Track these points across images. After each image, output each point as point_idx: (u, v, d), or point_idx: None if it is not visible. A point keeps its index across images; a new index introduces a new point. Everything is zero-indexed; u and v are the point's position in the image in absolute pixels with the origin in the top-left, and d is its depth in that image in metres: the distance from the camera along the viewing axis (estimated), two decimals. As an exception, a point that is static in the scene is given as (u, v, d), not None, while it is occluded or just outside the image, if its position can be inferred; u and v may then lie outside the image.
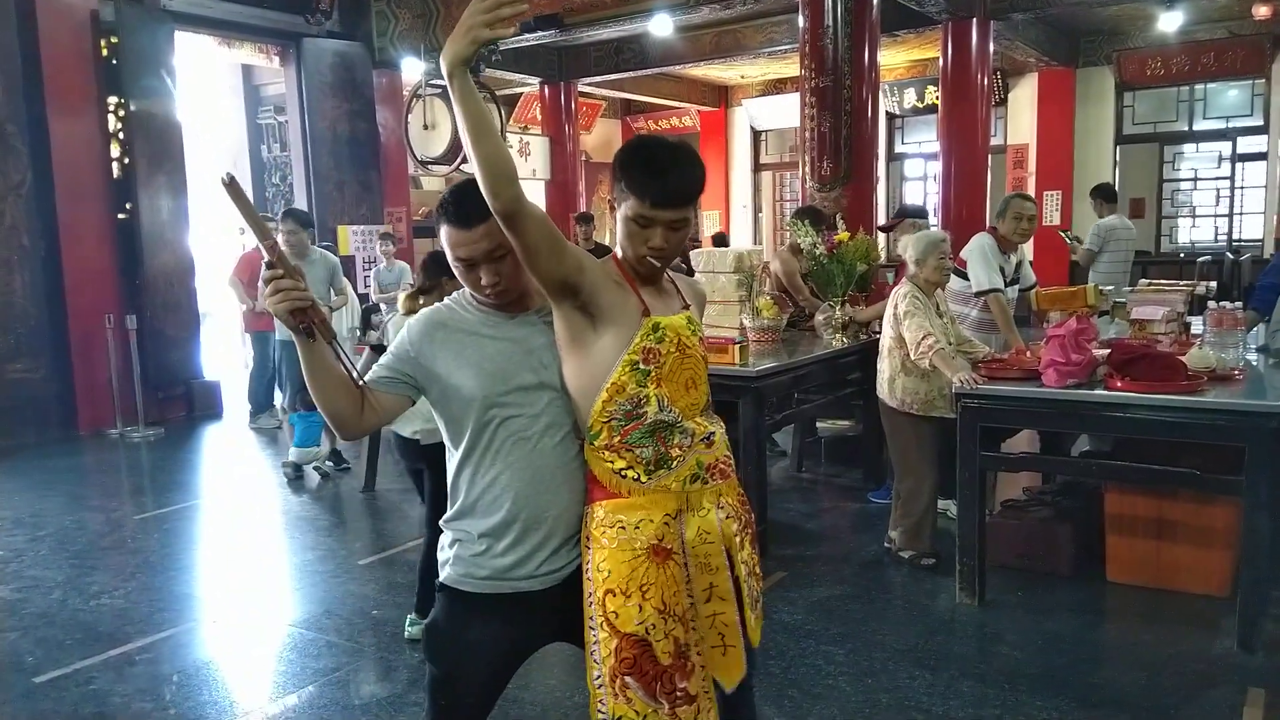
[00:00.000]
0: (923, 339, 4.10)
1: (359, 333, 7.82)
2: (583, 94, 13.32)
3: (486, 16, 1.62)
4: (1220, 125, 12.32)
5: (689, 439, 1.91)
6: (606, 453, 1.88)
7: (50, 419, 7.86)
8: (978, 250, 5.06)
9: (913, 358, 4.19)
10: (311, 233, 6.71)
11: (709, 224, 14.97)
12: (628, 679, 1.84)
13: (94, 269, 8.07)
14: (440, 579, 1.98)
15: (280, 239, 6.47)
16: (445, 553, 1.98)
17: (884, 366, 4.44)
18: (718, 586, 1.92)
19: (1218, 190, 12.57)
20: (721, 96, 15.30)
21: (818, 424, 6.25)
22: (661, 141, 1.92)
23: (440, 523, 2.00)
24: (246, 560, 5.02)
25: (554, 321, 1.91)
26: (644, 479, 1.88)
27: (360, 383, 1.88)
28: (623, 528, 1.87)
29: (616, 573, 1.85)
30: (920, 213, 5.57)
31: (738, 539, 1.95)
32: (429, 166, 10.21)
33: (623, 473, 1.88)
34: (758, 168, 15.66)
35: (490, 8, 1.62)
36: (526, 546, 1.91)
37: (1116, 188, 12.59)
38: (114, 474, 6.51)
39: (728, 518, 1.95)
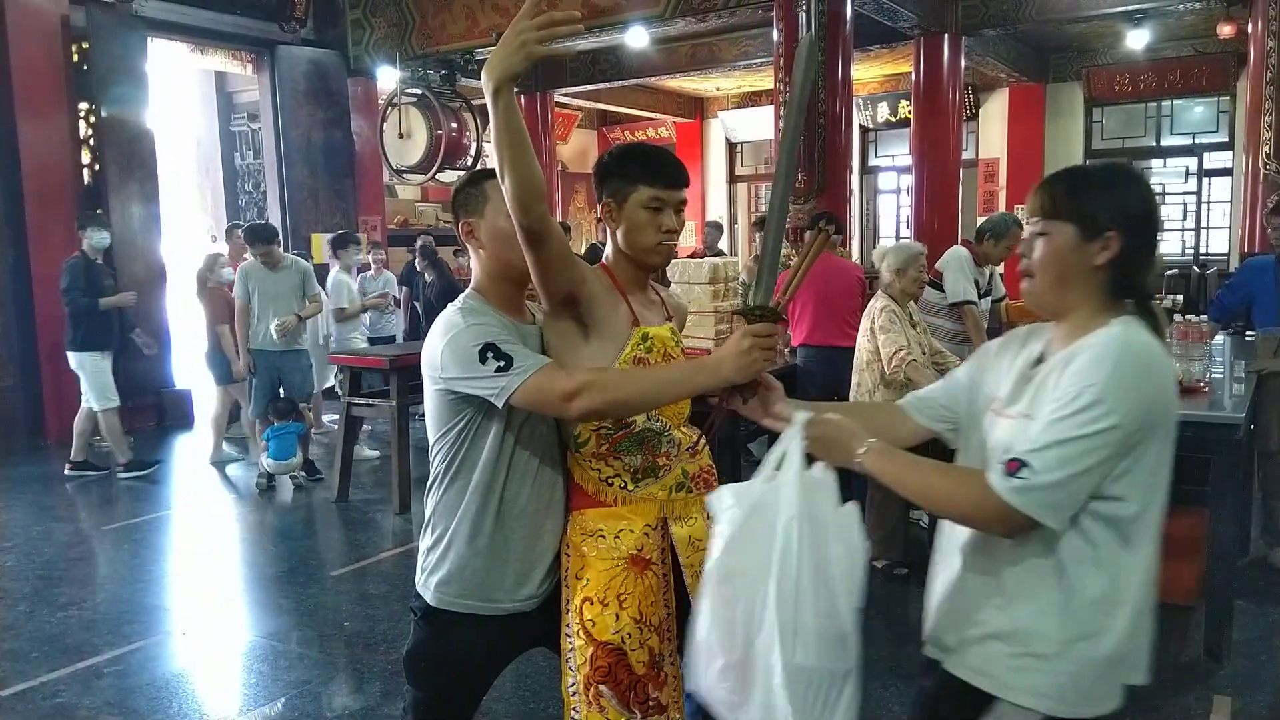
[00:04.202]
0: (895, 353, 4.21)
1: (332, 341, 7.77)
2: (559, 104, 13.33)
3: (540, 33, 1.57)
4: (1187, 141, 12.53)
5: (675, 448, 1.93)
6: (594, 460, 1.88)
7: (18, 428, 7.77)
8: (954, 262, 5.12)
9: (887, 372, 4.25)
10: (279, 241, 6.65)
11: (686, 235, 14.99)
12: (602, 687, 1.84)
13: (63, 276, 7.95)
14: (429, 602, 1.91)
15: (255, 259, 6.37)
16: (432, 576, 1.91)
17: (862, 379, 4.48)
18: None
19: (1185, 204, 12.76)
20: (697, 108, 15.36)
21: (792, 434, 6.27)
22: (641, 143, 2.02)
23: (426, 543, 1.93)
24: (217, 571, 4.97)
25: (546, 333, 1.91)
26: (631, 486, 1.88)
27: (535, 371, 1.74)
28: (602, 537, 1.88)
29: (595, 581, 1.86)
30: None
31: None
32: (404, 175, 10.18)
33: (609, 480, 1.88)
34: (733, 179, 15.73)
35: (544, 24, 1.57)
36: (521, 569, 1.89)
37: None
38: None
39: None
